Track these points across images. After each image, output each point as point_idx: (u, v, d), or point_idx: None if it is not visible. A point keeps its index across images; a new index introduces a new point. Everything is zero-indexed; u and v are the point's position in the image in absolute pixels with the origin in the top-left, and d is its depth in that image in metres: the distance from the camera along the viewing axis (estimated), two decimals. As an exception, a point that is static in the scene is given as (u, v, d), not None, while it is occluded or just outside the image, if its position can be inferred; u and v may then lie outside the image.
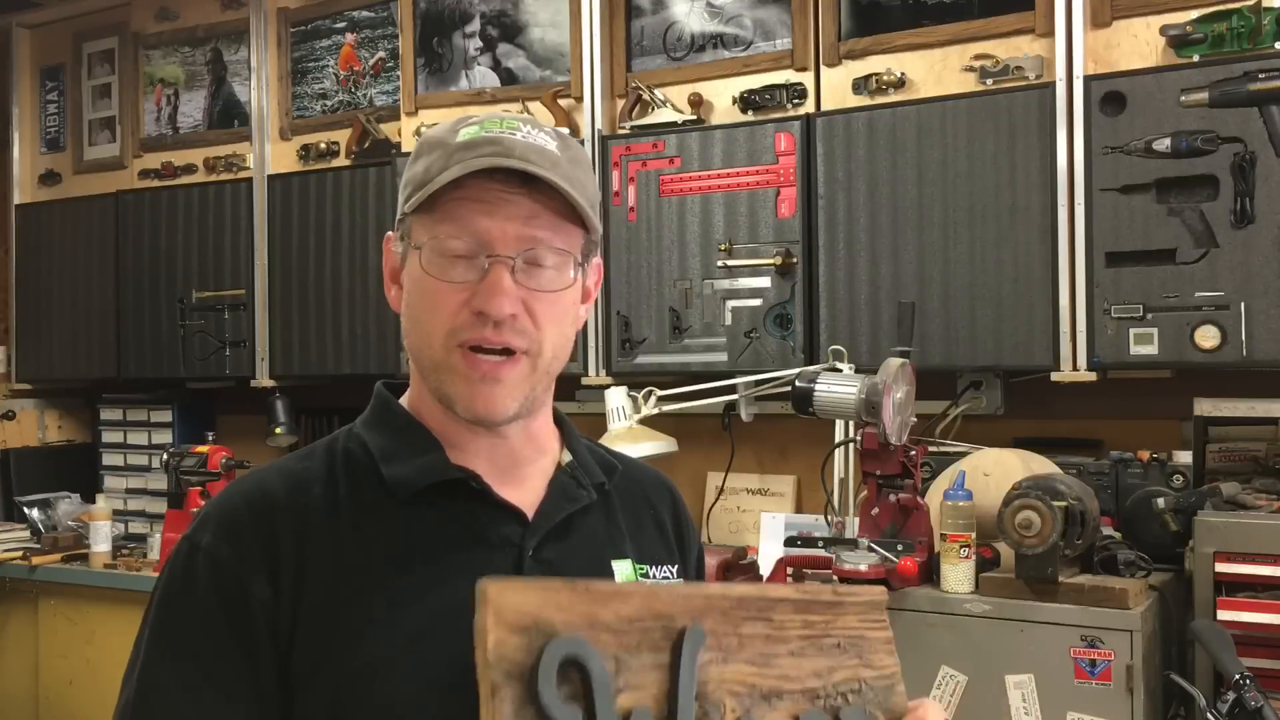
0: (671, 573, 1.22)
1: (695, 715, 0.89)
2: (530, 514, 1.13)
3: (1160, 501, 2.50)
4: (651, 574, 1.20)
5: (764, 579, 3.00)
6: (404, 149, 3.70)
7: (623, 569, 1.17)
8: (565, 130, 1.36)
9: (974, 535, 2.39)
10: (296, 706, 1.04)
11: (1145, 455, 2.65)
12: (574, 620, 0.86)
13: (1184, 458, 2.67)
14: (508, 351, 1.07)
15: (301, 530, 1.07)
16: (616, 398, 2.92)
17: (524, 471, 1.16)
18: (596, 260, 1.17)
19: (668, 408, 2.91)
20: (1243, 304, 2.55)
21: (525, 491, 1.15)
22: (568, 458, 1.20)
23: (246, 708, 1.03)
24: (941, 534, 2.41)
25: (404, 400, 1.19)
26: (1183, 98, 2.60)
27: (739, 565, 2.91)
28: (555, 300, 1.10)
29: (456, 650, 1.03)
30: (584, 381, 3.31)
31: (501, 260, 1.06)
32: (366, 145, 3.87)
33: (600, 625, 0.87)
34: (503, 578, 0.84)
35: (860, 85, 3.05)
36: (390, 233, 1.17)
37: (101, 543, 3.92)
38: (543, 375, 1.11)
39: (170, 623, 1.07)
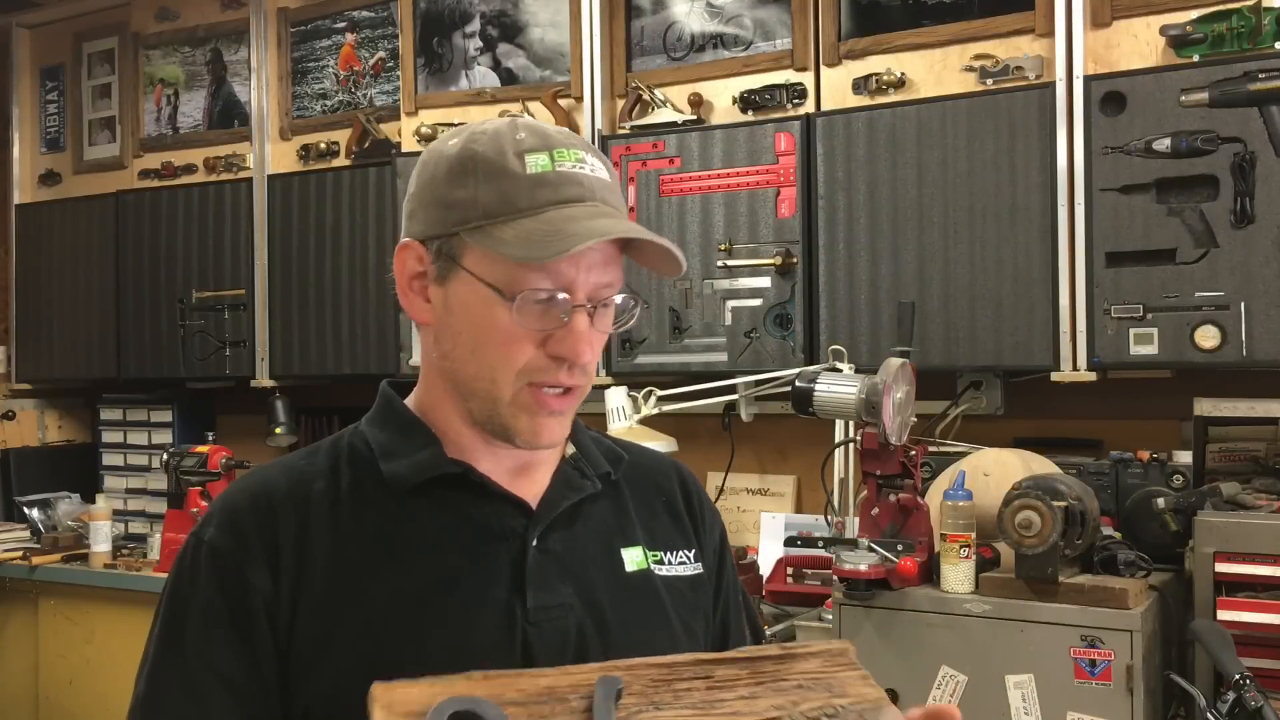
0: (688, 557, 1.22)
1: None
2: (534, 505, 1.14)
3: (1160, 501, 2.50)
4: (666, 560, 1.20)
5: (764, 579, 3.01)
6: (404, 149, 3.70)
7: (633, 556, 1.17)
8: (572, 131, 1.35)
9: (974, 535, 2.39)
10: (298, 696, 1.04)
11: (1145, 455, 2.65)
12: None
13: (1184, 458, 2.67)
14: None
15: (302, 523, 1.08)
16: (616, 398, 2.91)
17: (529, 469, 1.16)
18: None
19: (668, 408, 2.91)
20: (1243, 304, 2.55)
21: (530, 484, 1.15)
22: (571, 450, 1.20)
23: (248, 698, 1.05)
24: (941, 534, 2.40)
25: (410, 400, 1.19)
26: (1183, 98, 2.60)
27: (739, 565, 2.91)
28: (605, 335, 1.13)
29: (458, 640, 1.05)
30: (584, 381, 3.31)
31: (583, 309, 1.07)
32: (366, 145, 3.87)
33: (506, 701, 0.86)
34: (394, 682, 0.86)
35: (860, 85, 3.04)
36: (409, 240, 1.12)
37: (101, 543, 3.92)
38: (582, 399, 1.15)
39: (176, 616, 1.08)
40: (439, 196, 1.09)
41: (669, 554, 1.21)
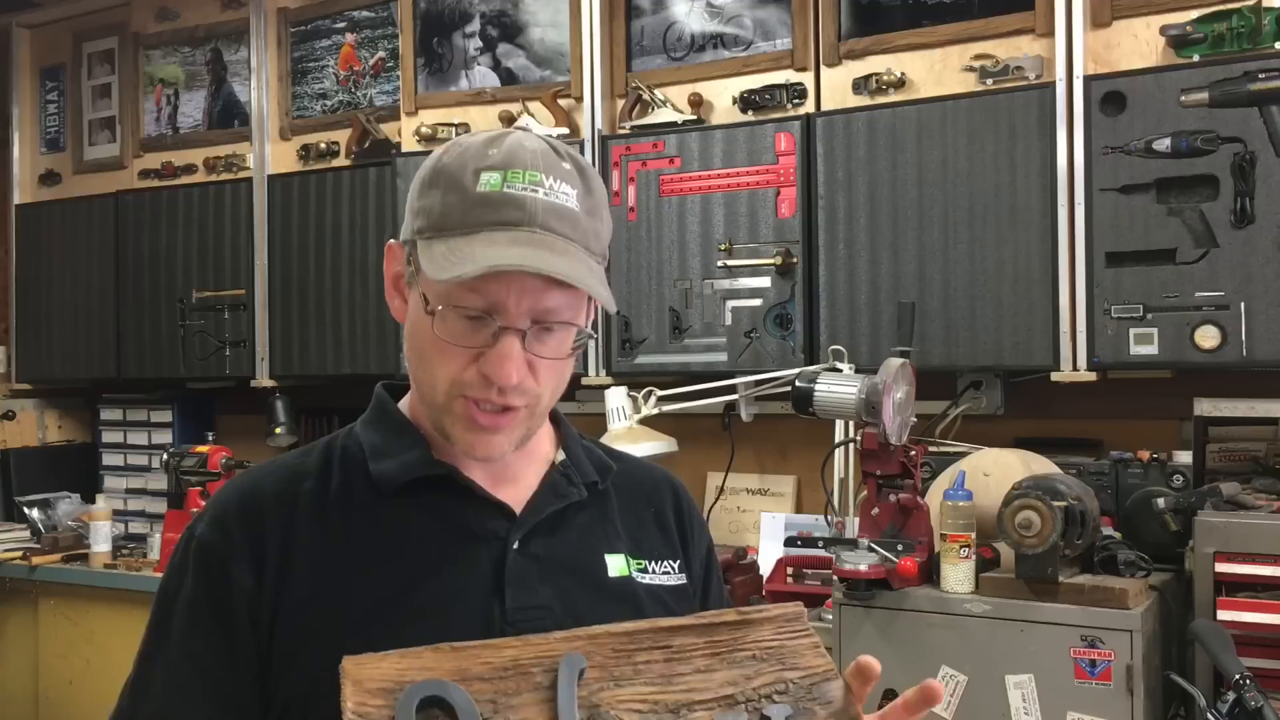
0: (673, 568, 1.23)
1: None
2: (519, 510, 1.15)
3: (1160, 501, 2.50)
4: (650, 569, 1.20)
5: (764, 579, 3.01)
6: (404, 149, 3.70)
7: (616, 563, 1.18)
8: (575, 148, 1.30)
9: (974, 535, 2.39)
10: (277, 691, 1.06)
11: (1145, 455, 2.65)
12: (442, 676, 0.88)
13: (1184, 458, 2.67)
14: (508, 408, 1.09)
15: (288, 522, 1.11)
16: (616, 398, 2.91)
17: (516, 473, 1.18)
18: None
19: (668, 408, 2.91)
20: (1243, 304, 2.55)
21: (517, 489, 1.17)
22: (561, 457, 1.22)
23: (225, 691, 1.07)
24: (941, 534, 2.41)
25: (403, 402, 1.21)
26: (1183, 98, 2.60)
27: (739, 565, 2.91)
28: (557, 362, 1.11)
29: (434, 639, 1.05)
30: (584, 381, 3.31)
31: (513, 331, 1.06)
32: (366, 145, 3.87)
33: (472, 676, 0.89)
34: (363, 655, 0.89)
35: (860, 85, 3.04)
36: (393, 241, 1.16)
37: (101, 543, 3.92)
38: (539, 417, 1.14)
39: (165, 606, 1.12)
40: (412, 204, 1.12)
41: (653, 563, 1.21)
